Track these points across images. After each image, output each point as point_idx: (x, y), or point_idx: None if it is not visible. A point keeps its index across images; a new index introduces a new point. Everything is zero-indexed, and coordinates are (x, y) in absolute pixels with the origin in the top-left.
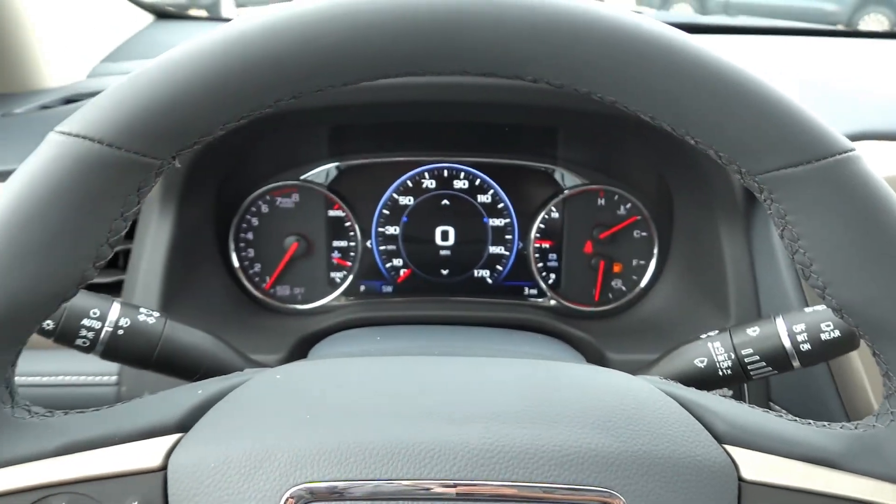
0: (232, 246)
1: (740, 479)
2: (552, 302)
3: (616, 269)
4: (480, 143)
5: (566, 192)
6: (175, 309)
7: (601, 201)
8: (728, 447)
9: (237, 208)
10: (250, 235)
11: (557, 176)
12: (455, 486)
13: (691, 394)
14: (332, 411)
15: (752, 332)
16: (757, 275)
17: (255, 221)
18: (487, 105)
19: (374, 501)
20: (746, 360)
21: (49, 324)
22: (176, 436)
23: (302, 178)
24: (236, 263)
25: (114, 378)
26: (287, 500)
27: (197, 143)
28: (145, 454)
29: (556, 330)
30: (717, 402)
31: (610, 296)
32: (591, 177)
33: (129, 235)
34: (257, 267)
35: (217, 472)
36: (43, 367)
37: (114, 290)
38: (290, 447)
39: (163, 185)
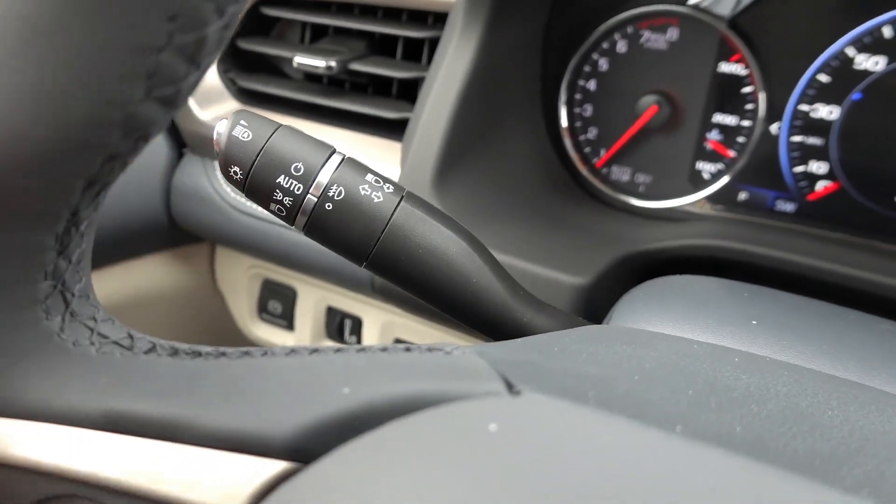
0: (563, 96)
1: None
2: None
3: None
4: None
5: None
6: (460, 170)
7: None
8: None
9: (581, 40)
10: (592, 84)
11: None
12: None
13: None
14: None
15: None
16: None
17: (603, 64)
18: None
19: None
20: None
21: (237, 171)
22: (279, 465)
23: (692, 1)
24: (564, 122)
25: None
26: None
27: None
28: (224, 487)
29: None
30: None
31: None
32: None
33: (415, 58)
34: (592, 132)
35: None
36: None
37: (397, 128)
38: None
39: None
